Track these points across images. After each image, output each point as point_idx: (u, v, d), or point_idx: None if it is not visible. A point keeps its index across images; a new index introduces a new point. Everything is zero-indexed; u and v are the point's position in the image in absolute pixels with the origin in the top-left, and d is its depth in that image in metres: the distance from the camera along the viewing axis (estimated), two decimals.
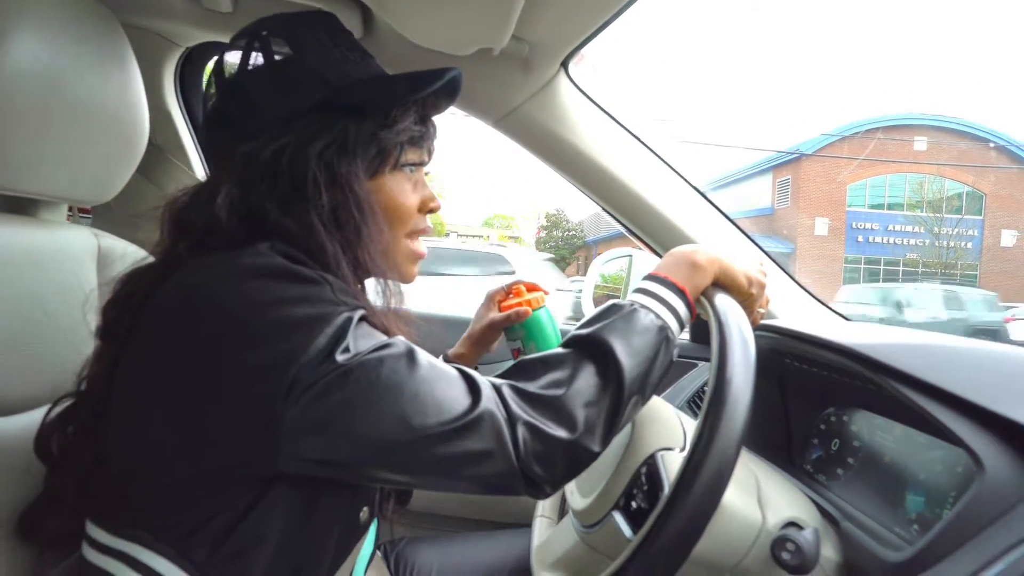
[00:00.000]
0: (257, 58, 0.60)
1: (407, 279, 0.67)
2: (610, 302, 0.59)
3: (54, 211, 0.75)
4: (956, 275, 20.19)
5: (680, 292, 0.60)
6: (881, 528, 0.64)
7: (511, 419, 0.49)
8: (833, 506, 0.69)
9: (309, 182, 0.57)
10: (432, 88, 0.62)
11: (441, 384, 0.50)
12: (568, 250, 34.93)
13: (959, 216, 20.18)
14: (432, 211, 0.67)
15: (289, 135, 0.57)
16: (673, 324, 0.59)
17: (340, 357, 0.47)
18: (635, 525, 0.60)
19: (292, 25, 0.62)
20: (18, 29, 0.59)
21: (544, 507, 0.80)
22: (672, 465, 0.61)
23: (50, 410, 0.59)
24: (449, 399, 0.49)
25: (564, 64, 1.01)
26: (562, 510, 0.81)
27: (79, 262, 0.73)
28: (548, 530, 0.78)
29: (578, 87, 1.05)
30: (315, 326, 0.48)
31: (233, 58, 0.61)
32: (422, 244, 0.68)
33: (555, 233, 35.93)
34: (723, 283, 0.64)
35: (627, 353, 0.54)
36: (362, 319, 0.52)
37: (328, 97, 0.59)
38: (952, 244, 20.22)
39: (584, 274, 1.45)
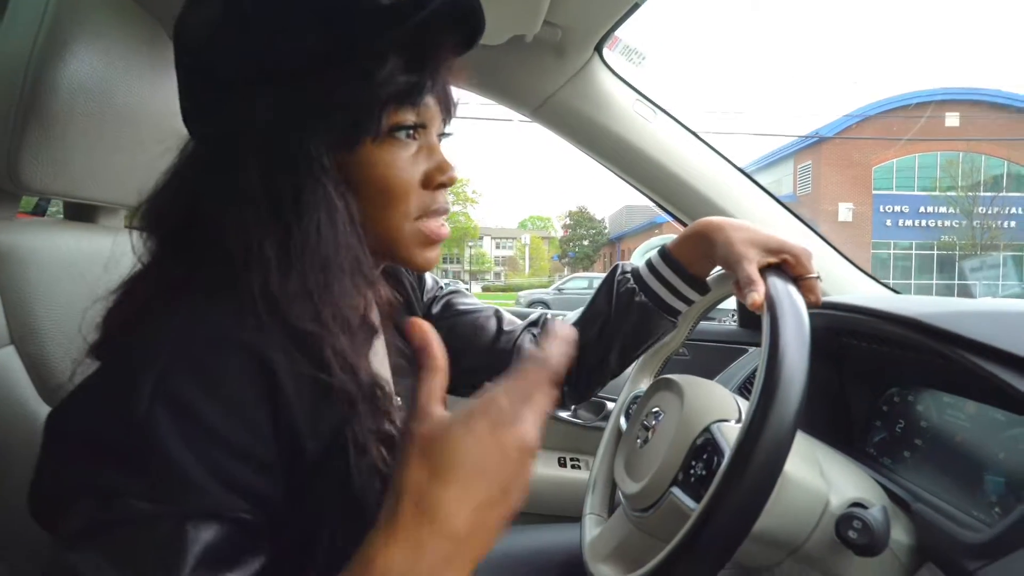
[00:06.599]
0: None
1: (421, 267, 0.54)
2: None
3: (112, 217, 0.78)
4: (998, 256, 19.43)
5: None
6: (956, 511, 0.61)
7: None
8: (902, 488, 0.66)
9: (249, 168, 0.44)
10: (417, 17, 0.44)
11: None
12: (592, 248, 34.75)
13: (996, 194, 19.42)
14: (443, 186, 0.52)
15: (236, 106, 0.46)
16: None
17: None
18: (697, 496, 0.58)
19: None
20: (76, 43, 0.60)
21: (592, 504, 0.79)
22: (730, 434, 0.59)
23: None
24: None
25: (598, 48, 1.00)
26: (611, 506, 0.79)
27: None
28: (598, 527, 0.76)
29: (613, 71, 1.04)
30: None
31: None
32: (440, 224, 0.53)
33: (579, 231, 35.76)
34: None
35: None
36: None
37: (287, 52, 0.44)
38: (990, 224, 19.47)
39: None
